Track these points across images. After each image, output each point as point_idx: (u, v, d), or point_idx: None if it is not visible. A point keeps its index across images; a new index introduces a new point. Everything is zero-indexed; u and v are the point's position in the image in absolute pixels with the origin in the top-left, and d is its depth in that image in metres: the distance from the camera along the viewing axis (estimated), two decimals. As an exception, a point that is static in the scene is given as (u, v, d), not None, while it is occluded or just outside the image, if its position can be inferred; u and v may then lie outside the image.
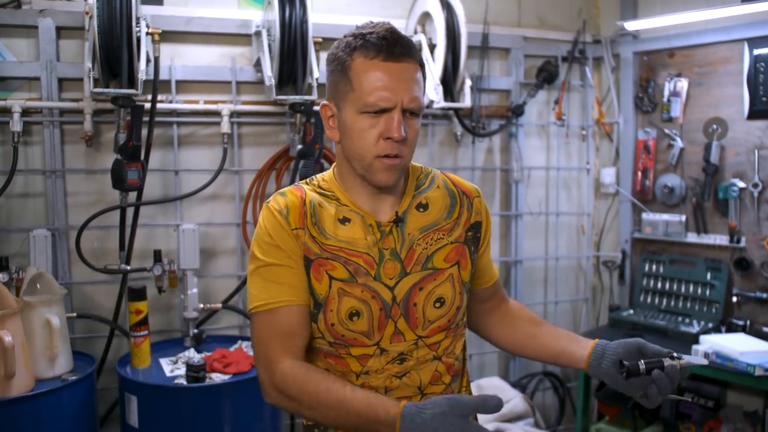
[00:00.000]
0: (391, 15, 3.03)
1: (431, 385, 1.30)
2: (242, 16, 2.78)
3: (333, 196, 1.30)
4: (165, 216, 2.78)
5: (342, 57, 1.24)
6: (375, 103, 1.20)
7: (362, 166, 1.24)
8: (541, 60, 3.30)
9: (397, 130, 1.19)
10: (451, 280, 1.30)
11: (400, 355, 1.27)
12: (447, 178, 1.39)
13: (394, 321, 1.26)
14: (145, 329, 2.41)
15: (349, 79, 1.22)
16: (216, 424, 2.29)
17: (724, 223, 3.01)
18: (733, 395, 3.03)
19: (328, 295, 1.24)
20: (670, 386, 1.27)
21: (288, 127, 2.86)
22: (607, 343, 1.34)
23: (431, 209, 1.33)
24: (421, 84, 1.25)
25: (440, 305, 1.29)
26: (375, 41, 1.20)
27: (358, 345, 1.26)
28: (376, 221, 1.28)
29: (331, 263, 1.25)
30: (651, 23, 3.11)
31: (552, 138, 3.45)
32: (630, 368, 1.27)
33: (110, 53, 2.26)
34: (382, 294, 1.25)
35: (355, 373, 1.27)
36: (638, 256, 3.34)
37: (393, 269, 1.26)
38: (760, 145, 2.88)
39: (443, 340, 1.31)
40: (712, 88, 3.04)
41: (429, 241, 1.30)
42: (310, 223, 1.26)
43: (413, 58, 1.23)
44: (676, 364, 1.27)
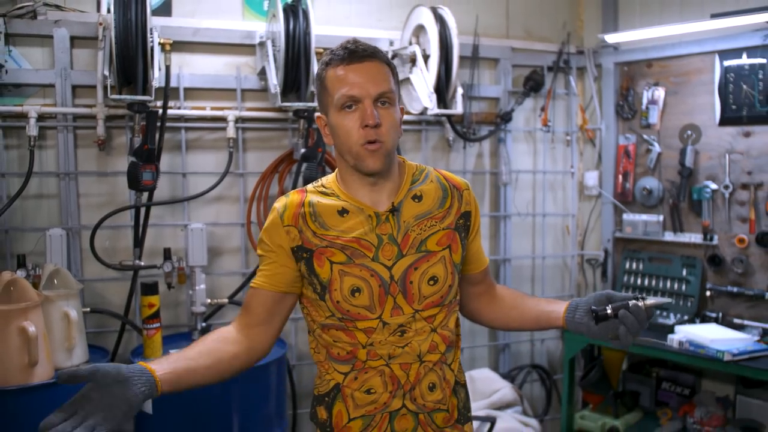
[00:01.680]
0: (387, 27, 3.21)
1: (429, 353, 1.47)
2: (246, 28, 2.93)
3: (333, 194, 1.49)
4: (173, 216, 2.92)
5: (320, 73, 1.46)
6: (345, 95, 1.39)
7: (352, 156, 1.42)
8: (528, 69, 3.49)
9: (371, 116, 1.38)
10: (443, 261, 1.48)
11: (400, 327, 1.45)
12: (439, 174, 1.58)
13: (393, 297, 1.44)
14: (157, 322, 2.55)
15: (327, 88, 1.43)
16: (226, 410, 2.44)
17: (698, 223, 3.21)
18: (706, 383, 3.24)
19: (331, 277, 1.43)
20: (638, 325, 1.40)
21: (290, 133, 3.02)
22: (580, 299, 1.51)
23: (425, 200, 1.51)
24: (388, 77, 1.42)
25: (434, 283, 1.46)
26: (340, 52, 1.42)
27: (362, 319, 1.44)
28: (374, 212, 1.46)
29: (330, 250, 1.44)
30: (630, 36, 3.31)
31: (538, 143, 3.64)
32: (599, 313, 1.42)
33: (126, 62, 2.40)
34: (381, 273, 1.43)
35: (362, 344, 1.45)
36: (619, 255, 3.53)
37: (390, 252, 1.44)
38: (730, 149, 3.09)
39: (438, 314, 1.48)
40: (687, 96, 3.25)
41: (423, 227, 1.48)
42: (310, 221, 1.46)
43: (376, 58, 1.43)
44: (641, 303, 1.40)
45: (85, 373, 1.23)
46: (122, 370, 1.26)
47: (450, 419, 1.52)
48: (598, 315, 1.42)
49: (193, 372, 1.38)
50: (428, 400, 1.47)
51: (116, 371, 1.25)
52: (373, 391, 1.45)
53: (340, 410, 1.48)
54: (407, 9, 3.15)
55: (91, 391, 1.22)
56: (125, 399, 1.23)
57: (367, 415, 1.46)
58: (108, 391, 1.22)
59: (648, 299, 1.42)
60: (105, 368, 1.24)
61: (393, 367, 1.45)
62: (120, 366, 1.27)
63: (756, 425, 2.88)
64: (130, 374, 1.26)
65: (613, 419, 3.10)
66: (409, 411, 1.47)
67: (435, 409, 1.49)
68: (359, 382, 1.46)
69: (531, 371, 3.62)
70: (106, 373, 1.23)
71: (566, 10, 3.67)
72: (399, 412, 1.46)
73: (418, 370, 1.46)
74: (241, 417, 2.48)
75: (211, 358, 1.42)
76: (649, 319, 1.43)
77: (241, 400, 2.47)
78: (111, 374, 1.24)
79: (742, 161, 3.06)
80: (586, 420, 3.17)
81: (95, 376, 1.23)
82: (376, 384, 1.45)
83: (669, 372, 3.31)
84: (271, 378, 2.58)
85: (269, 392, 2.58)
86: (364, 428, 1.47)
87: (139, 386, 1.26)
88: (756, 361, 2.59)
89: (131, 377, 1.26)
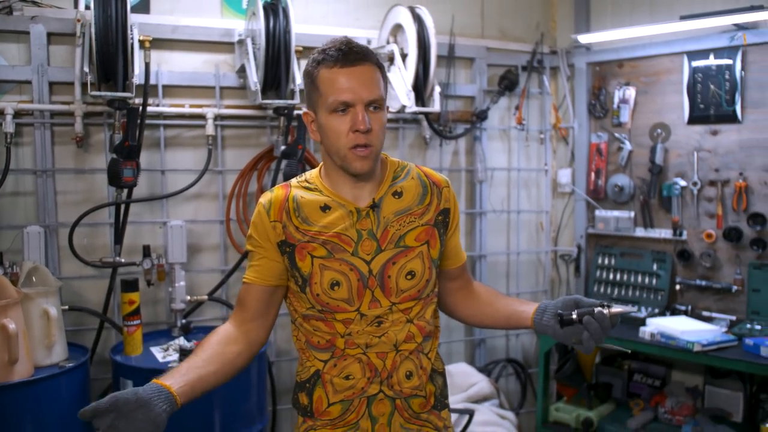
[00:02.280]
0: (364, 26, 3.25)
1: (405, 342, 1.52)
2: (225, 25, 2.94)
3: (316, 189, 1.53)
4: (152, 213, 2.91)
5: (310, 71, 1.48)
6: (338, 101, 1.42)
7: (339, 158, 1.46)
8: (503, 69, 3.55)
9: (362, 122, 1.41)
10: (421, 256, 1.52)
11: (377, 318, 1.49)
12: (420, 171, 1.61)
13: (372, 290, 1.48)
14: (138, 319, 2.55)
15: (317, 88, 1.45)
16: (206, 406, 2.45)
17: (668, 219, 3.31)
18: (676, 374, 3.34)
19: (312, 271, 1.47)
20: (600, 331, 1.43)
21: (269, 130, 3.04)
22: (550, 301, 1.55)
23: (405, 196, 1.54)
24: (379, 81, 1.46)
25: (411, 277, 1.50)
26: (333, 53, 1.44)
27: (341, 311, 1.49)
28: (355, 207, 1.50)
29: (311, 245, 1.48)
30: (602, 37, 3.39)
31: (513, 141, 3.70)
32: (564, 317, 1.46)
33: (106, 59, 2.40)
34: (360, 267, 1.47)
35: (340, 334, 1.50)
36: (592, 250, 3.62)
37: (369, 247, 1.48)
38: (698, 147, 3.19)
39: (414, 306, 1.53)
40: (656, 96, 3.34)
41: (402, 223, 1.52)
42: (293, 216, 1.49)
43: (369, 61, 1.45)
44: (606, 311, 1.43)
45: (107, 406, 1.25)
46: (141, 393, 1.28)
47: (426, 405, 1.57)
48: (563, 319, 1.46)
49: (205, 380, 1.42)
50: (405, 387, 1.52)
51: (135, 396, 1.27)
52: (352, 377, 1.50)
53: (320, 395, 1.53)
54: (384, 8, 3.19)
55: (116, 421, 1.25)
56: (150, 421, 1.27)
57: (346, 400, 1.51)
58: (132, 417, 1.25)
59: (614, 307, 1.45)
60: (125, 396, 1.27)
61: (370, 356, 1.50)
62: (137, 390, 1.29)
63: (724, 414, 2.98)
64: (149, 396, 1.29)
65: (587, 411, 3.17)
66: (386, 396, 1.52)
67: (412, 395, 1.54)
68: (338, 369, 1.51)
69: (506, 365, 3.69)
70: (127, 400, 1.26)
71: (539, 10, 3.74)
72: (376, 397, 1.52)
73: (394, 359, 1.51)
74: (223, 413, 2.48)
75: (217, 363, 1.46)
76: (613, 327, 1.46)
77: (223, 397, 2.48)
78: (131, 400, 1.26)
79: (709, 159, 3.16)
80: (561, 412, 3.24)
81: (117, 405, 1.25)
82: (355, 371, 1.50)
83: (640, 364, 3.40)
84: (252, 374, 2.59)
85: (250, 388, 2.59)
86: (343, 412, 1.52)
87: (160, 405, 1.29)
88: (724, 352, 2.68)
89: (151, 398, 1.29)
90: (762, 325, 2.87)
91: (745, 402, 3.00)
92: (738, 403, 3.01)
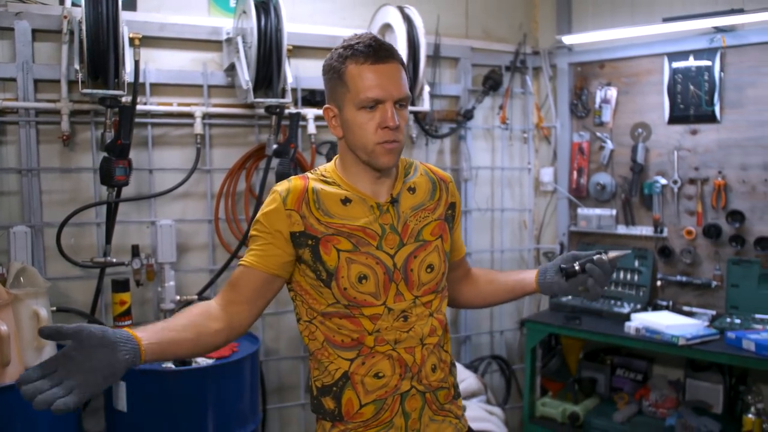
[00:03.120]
0: (350, 25, 3.25)
1: (429, 336, 1.54)
2: (213, 24, 2.92)
3: (335, 183, 1.53)
4: (138, 213, 2.88)
5: (336, 66, 1.48)
6: (370, 98, 1.43)
7: (366, 153, 1.47)
8: (487, 69, 3.59)
9: (392, 119, 1.44)
10: (437, 250, 1.56)
11: (403, 312, 1.50)
12: (426, 167, 1.66)
13: (396, 284, 1.50)
14: (129, 319, 2.52)
15: (345, 83, 1.46)
16: (201, 406, 2.43)
17: (649, 216, 3.39)
18: (658, 368, 3.42)
19: (338, 265, 1.47)
20: (604, 276, 1.55)
21: (257, 129, 3.03)
22: (548, 263, 1.66)
23: (418, 192, 1.58)
24: (404, 80, 1.49)
25: (431, 270, 1.54)
26: (362, 49, 1.45)
27: (368, 305, 1.48)
28: (375, 202, 1.51)
29: (336, 238, 1.47)
30: (586, 38, 3.45)
31: (497, 140, 3.75)
32: (567, 270, 1.56)
33: (97, 56, 2.37)
34: (385, 261, 1.49)
35: (368, 331, 1.49)
36: (574, 247, 3.67)
37: (393, 241, 1.51)
38: (678, 146, 3.27)
39: (434, 300, 1.56)
40: (637, 96, 3.42)
41: (418, 218, 1.55)
42: (313, 207, 1.49)
43: (396, 59, 1.48)
44: (604, 257, 1.55)
45: (70, 332, 1.18)
46: (108, 334, 1.21)
47: (449, 396, 1.60)
48: (567, 272, 1.55)
49: (177, 344, 1.37)
50: (432, 380, 1.54)
51: (102, 334, 1.20)
52: (382, 375, 1.49)
53: (350, 398, 1.50)
54: (370, 8, 3.20)
55: (73, 351, 1.17)
56: (109, 364, 1.19)
57: (379, 399, 1.50)
58: (92, 353, 1.17)
59: (610, 252, 1.57)
60: (90, 329, 1.19)
61: (399, 351, 1.50)
62: (106, 329, 1.22)
63: (705, 405, 3.07)
64: (116, 339, 1.21)
65: (573, 405, 3.23)
66: (417, 391, 1.53)
67: (438, 387, 1.56)
68: (367, 367, 1.49)
69: (491, 362, 3.73)
70: (92, 334, 1.18)
71: (522, 11, 3.79)
72: (409, 393, 1.52)
73: (422, 353, 1.53)
74: (216, 413, 2.47)
75: (194, 332, 1.41)
76: (613, 270, 1.58)
77: (217, 397, 2.47)
78: (96, 336, 1.19)
79: (689, 158, 3.24)
80: (547, 407, 3.29)
81: (80, 335, 1.18)
82: (385, 368, 1.50)
83: (623, 359, 3.47)
84: (245, 374, 2.59)
85: (243, 388, 2.58)
86: (376, 412, 1.50)
87: (123, 353, 1.21)
88: (707, 345, 2.76)
89: (117, 343, 1.21)
90: (741, 319, 2.96)
91: (725, 394, 3.09)
92: (718, 395, 3.10)
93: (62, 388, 1.14)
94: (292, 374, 3.25)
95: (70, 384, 1.15)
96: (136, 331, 1.29)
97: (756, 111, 3.04)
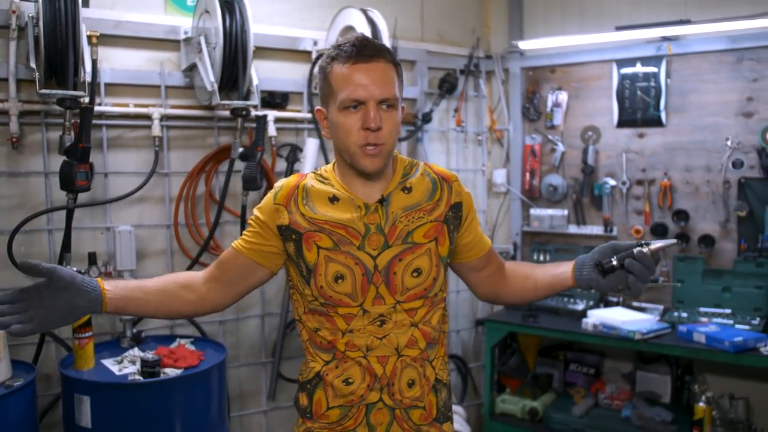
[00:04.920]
0: (309, 27, 3.23)
1: (407, 348, 1.49)
2: (170, 22, 2.83)
3: (329, 182, 1.52)
4: (93, 219, 2.76)
5: (324, 67, 1.46)
6: (350, 98, 1.40)
7: (349, 155, 1.45)
8: (442, 72, 3.64)
9: (372, 120, 1.39)
10: (428, 253, 1.49)
11: (380, 316, 1.47)
12: (429, 168, 1.59)
13: (376, 286, 1.46)
14: (90, 330, 2.40)
15: (330, 84, 1.44)
16: (169, 418, 2.35)
17: (599, 216, 3.52)
18: (609, 362, 3.56)
19: (317, 262, 1.46)
20: (645, 271, 1.40)
21: (216, 131, 2.96)
22: (585, 255, 1.52)
23: (414, 192, 1.52)
24: (393, 80, 1.43)
25: (417, 275, 1.48)
26: (347, 49, 1.42)
27: (343, 305, 1.47)
28: (364, 202, 1.48)
29: (318, 235, 1.46)
30: (537, 44, 3.55)
31: (452, 143, 3.80)
32: (605, 266, 1.41)
33: (55, 55, 2.25)
34: (365, 262, 1.46)
35: (341, 330, 1.48)
36: (528, 247, 3.78)
37: (377, 241, 1.47)
38: (626, 149, 3.42)
39: (420, 308, 1.50)
40: (587, 100, 3.54)
41: (411, 219, 1.50)
42: (300, 203, 1.49)
43: (383, 58, 1.43)
44: (646, 249, 1.39)
45: (45, 269, 1.33)
46: (77, 279, 1.35)
47: (428, 417, 1.53)
48: (604, 268, 1.41)
49: (143, 304, 1.47)
50: (406, 396, 1.49)
51: (71, 278, 1.35)
52: (351, 381, 1.48)
53: (320, 398, 1.51)
54: (328, 10, 3.18)
55: (42, 287, 1.33)
56: (68, 306, 1.34)
57: (345, 406, 1.50)
58: (57, 293, 1.33)
59: (653, 243, 1.41)
60: (62, 271, 1.34)
61: (370, 359, 1.48)
62: (75, 275, 1.36)
63: (655, 396, 3.22)
64: (82, 287, 1.35)
65: (532, 401, 3.32)
66: (385, 405, 1.49)
67: (411, 405, 1.50)
68: (339, 371, 1.49)
69: (448, 361, 3.77)
70: (61, 276, 1.34)
71: (475, 16, 3.86)
72: (375, 405, 1.49)
73: (395, 365, 1.48)
74: (184, 425, 2.40)
75: (164, 297, 1.50)
76: (657, 264, 1.43)
77: (184, 408, 2.39)
78: (65, 279, 1.34)
79: (637, 160, 3.39)
80: (507, 403, 3.36)
81: (53, 275, 1.33)
82: (355, 374, 1.48)
83: (575, 354, 3.59)
84: (213, 383, 2.52)
85: (211, 398, 2.51)
86: (340, 418, 1.50)
87: (84, 300, 1.36)
88: (660, 339, 2.89)
89: (81, 290, 1.35)
90: (688, 313, 3.13)
91: (673, 384, 3.25)
92: (666, 385, 3.26)
93: (24, 316, 1.31)
94: (253, 381, 3.20)
95: (29, 314, 1.31)
96: (105, 283, 1.41)
97: (698, 116, 3.21)
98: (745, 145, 3.10)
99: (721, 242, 3.18)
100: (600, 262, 1.44)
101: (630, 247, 1.43)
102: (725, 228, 3.17)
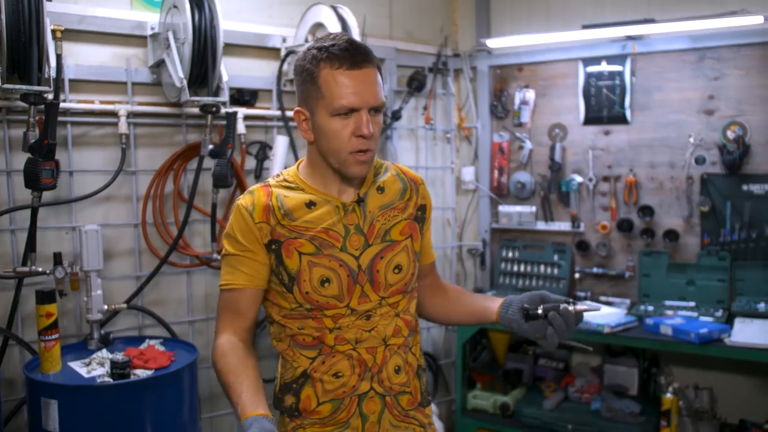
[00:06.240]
0: (278, 23, 3.20)
1: (393, 337, 1.53)
2: (136, 18, 2.78)
3: (298, 187, 1.51)
4: (57, 218, 2.69)
5: (310, 68, 1.42)
6: (345, 105, 1.39)
7: (338, 161, 1.45)
8: (411, 70, 3.64)
9: (366, 127, 1.40)
10: (406, 250, 1.55)
11: (366, 312, 1.50)
12: (397, 168, 1.64)
13: (361, 285, 1.49)
14: (56, 333, 2.33)
15: (319, 87, 1.41)
16: (139, 421, 2.30)
17: (566, 212, 3.57)
18: (577, 357, 3.61)
19: (300, 268, 1.46)
20: (565, 327, 1.43)
21: (184, 129, 2.91)
22: (515, 296, 1.56)
23: (387, 192, 1.56)
24: (380, 84, 1.45)
25: (398, 271, 1.53)
26: (338, 53, 1.39)
27: (331, 307, 1.48)
28: (341, 203, 1.50)
29: (298, 241, 1.46)
30: (504, 42, 3.58)
31: (420, 140, 3.82)
32: (529, 311, 1.47)
33: (17, 48, 2.18)
34: (349, 263, 1.48)
35: (329, 328, 1.49)
36: (496, 244, 3.81)
37: (358, 241, 1.49)
38: (593, 146, 3.48)
39: (401, 301, 1.55)
40: (554, 98, 3.59)
41: (387, 217, 1.54)
42: (279, 215, 1.47)
43: (372, 63, 1.44)
44: (571, 307, 1.43)
45: None
46: None
47: (414, 402, 1.58)
48: (528, 314, 1.47)
49: None
50: (394, 383, 1.53)
51: None
52: (341, 375, 1.49)
53: (309, 395, 1.51)
54: (296, 6, 3.17)
55: None
56: None
57: (336, 399, 1.50)
58: None
59: (578, 304, 1.45)
60: None
61: (360, 351, 1.50)
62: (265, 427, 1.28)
63: (623, 389, 3.28)
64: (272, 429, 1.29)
65: (503, 396, 3.35)
66: (376, 393, 1.52)
67: (400, 391, 1.55)
68: (327, 366, 1.50)
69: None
70: None
71: (443, 14, 3.88)
72: (367, 394, 1.51)
73: (384, 354, 1.51)
74: (154, 425, 2.35)
75: (256, 372, 1.46)
76: (578, 324, 1.47)
77: (155, 410, 2.34)
78: None
79: (603, 156, 3.45)
80: (478, 399, 3.39)
81: None
82: (344, 368, 1.50)
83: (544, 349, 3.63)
84: (184, 384, 2.47)
85: (183, 399, 2.46)
86: (333, 411, 1.50)
87: None
88: (628, 332, 2.95)
89: None
90: (654, 306, 3.20)
91: (640, 376, 3.32)
92: (633, 377, 3.32)
93: None
94: (224, 382, 3.15)
95: None
96: (259, 410, 1.32)
97: (662, 113, 3.29)
98: (707, 141, 3.18)
99: (685, 237, 3.26)
100: (526, 307, 1.49)
101: (558, 301, 1.46)
102: (689, 223, 3.25)
